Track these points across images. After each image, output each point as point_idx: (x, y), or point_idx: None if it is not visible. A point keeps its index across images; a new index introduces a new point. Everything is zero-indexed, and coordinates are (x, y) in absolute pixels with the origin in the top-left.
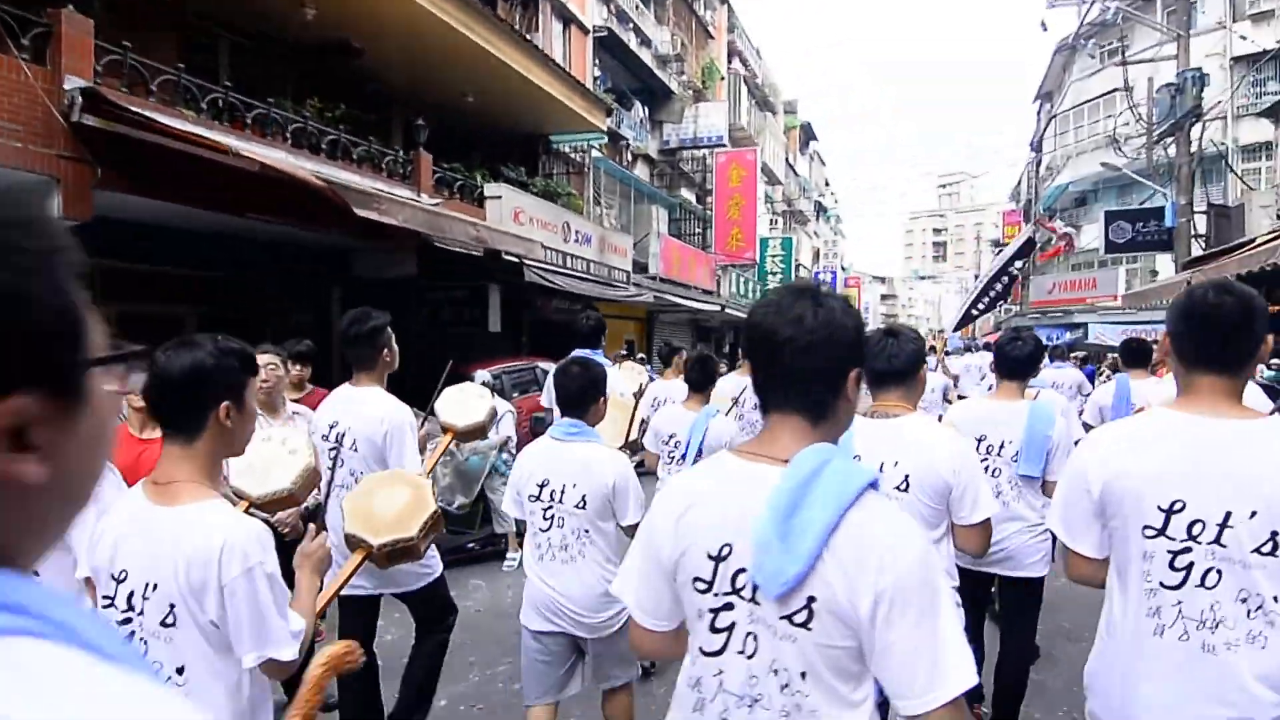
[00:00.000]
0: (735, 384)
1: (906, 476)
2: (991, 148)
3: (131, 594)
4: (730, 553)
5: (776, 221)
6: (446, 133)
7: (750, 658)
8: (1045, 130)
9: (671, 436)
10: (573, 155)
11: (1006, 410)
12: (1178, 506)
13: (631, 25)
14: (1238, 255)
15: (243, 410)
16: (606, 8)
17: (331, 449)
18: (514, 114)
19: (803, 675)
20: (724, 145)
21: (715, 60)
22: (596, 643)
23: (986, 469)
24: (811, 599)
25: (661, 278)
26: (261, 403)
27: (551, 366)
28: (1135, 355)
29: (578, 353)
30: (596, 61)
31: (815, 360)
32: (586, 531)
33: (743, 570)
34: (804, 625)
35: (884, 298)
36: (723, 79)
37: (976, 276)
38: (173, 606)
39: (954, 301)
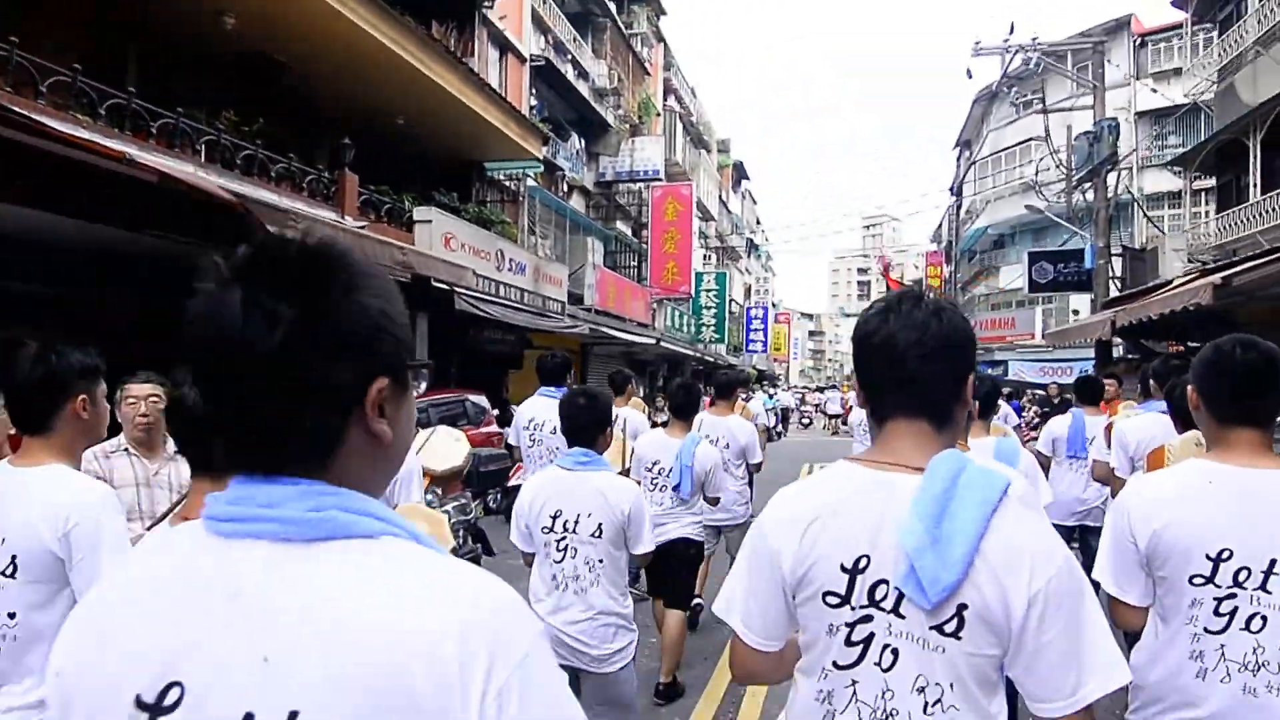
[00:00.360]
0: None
1: None
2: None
3: None
4: (868, 564)
5: (710, 257)
6: (376, 155)
7: (888, 670)
8: (965, 176)
9: (655, 463)
10: (508, 184)
11: (977, 447)
12: (1225, 555)
13: (569, 57)
14: (1159, 296)
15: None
16: (544, 38)
17: None
18: (448, 139)
19: (951, 687)
20: (660, 179)
21: (651, 96)
22: (592, 679)
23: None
24: (963, 607)
25: (597, 309)
26: (138, 440)
27: (482, 399)
28: (1089, 392)
29: (544, 390)
30: (533, 91)
31: (939, 366)
32: (601, 561)
33: (883, 582)
34: (954, 635)
35: (811, 334)
36: (659, 115)
37: None
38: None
39: None
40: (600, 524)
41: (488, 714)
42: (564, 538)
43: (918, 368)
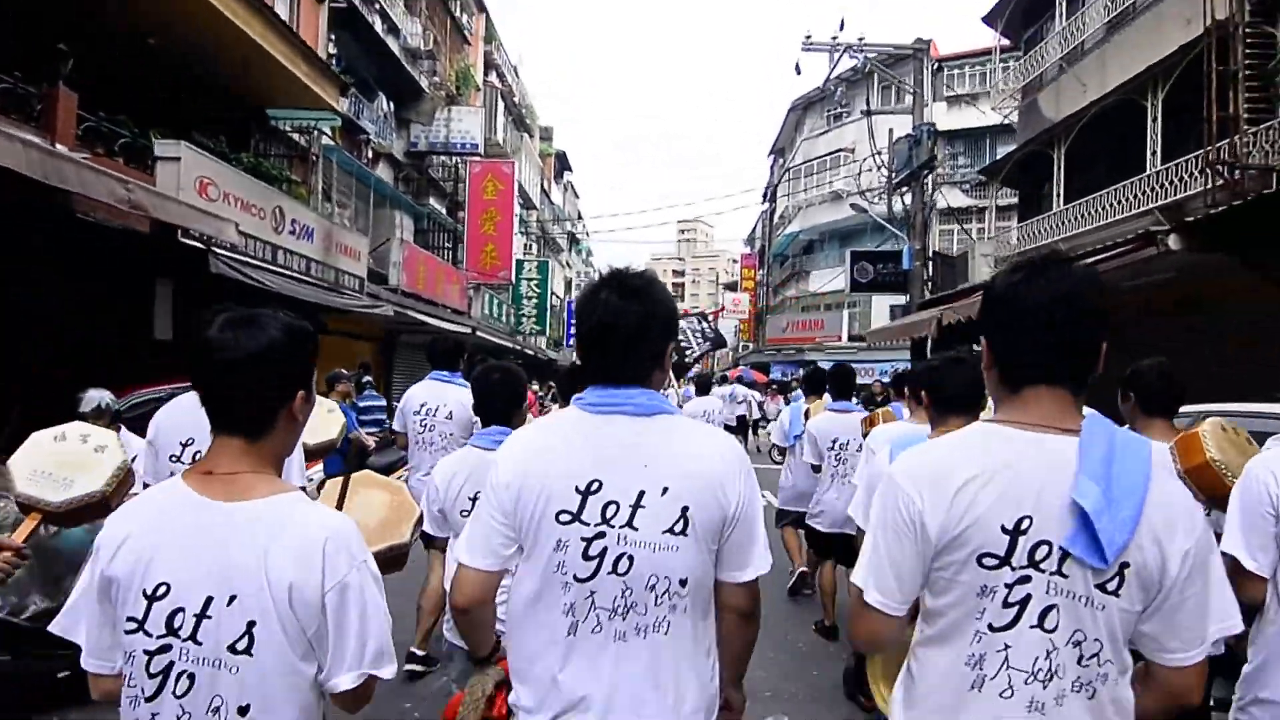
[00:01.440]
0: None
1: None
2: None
3: (177, 612)
4: (1031, 525)
5: (531, 246)
6: (115, 79)
7: (1050, 631)
8: (778, 182)
9: None
10: (298, 139)
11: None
12: None
13: (378, 8)
14: (977, 297)
15: (310, 400)
16: None
17: None
18: (218, 73)
19: (1105, 643)
20: (479, 155)
21: (471, 68)
22: None
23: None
24: (1124, 565)
25: (404, 291)
26: None
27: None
28: (813, 384)
29: (434, 375)
30: (333, 38)
31: (1085, 333)
32: None
33: (1044, 543)
34: (1115, 592)
35: None
36: (479, 89)
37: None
38: (251, 625)
39: (691, 341)
40: None
41: (745, 496)
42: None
43: (1072, 335)
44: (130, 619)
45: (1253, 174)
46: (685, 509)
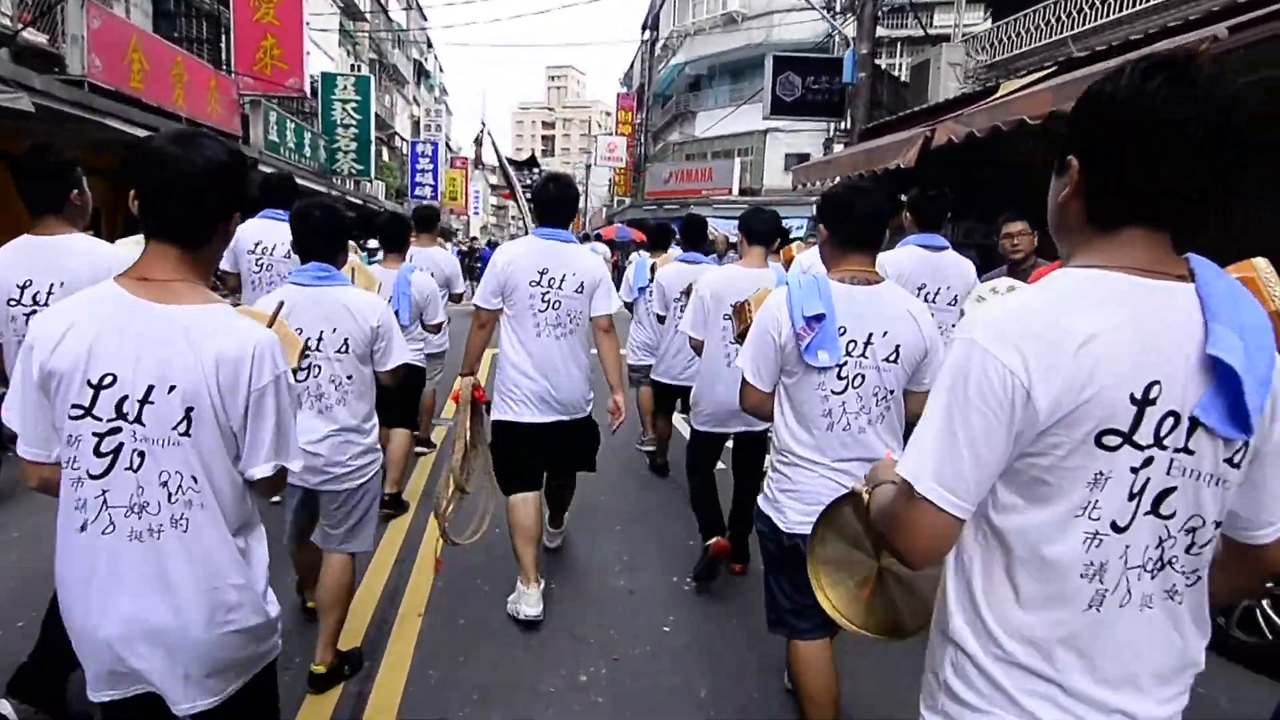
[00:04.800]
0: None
1: (897, 348)
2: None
3: (124, 399)
4: (1160, 393)
5: (359, 67)
6: None
7: (1168, 518)
8: (661, 6)
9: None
10: None
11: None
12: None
13: None
14: (993, 102)
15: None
16: None
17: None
18: None
19: (1216, 525)
20: None
21: None
22: (330, 497)
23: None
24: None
25: (98, 86)
26: None
27: None
28: (659, 238)
29: (267, 213)
30: None
31: (1201, 172)
32: (350, 378)
33: (1171, 414)
34: (1238, 464)
35: (494, 188)
36: None
37: (588, 168)
38: (190, 410)
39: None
40: (346, 339)
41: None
42: (305, 355)
43: (1207, 169)
44: (76, 406)
45: None
46: None
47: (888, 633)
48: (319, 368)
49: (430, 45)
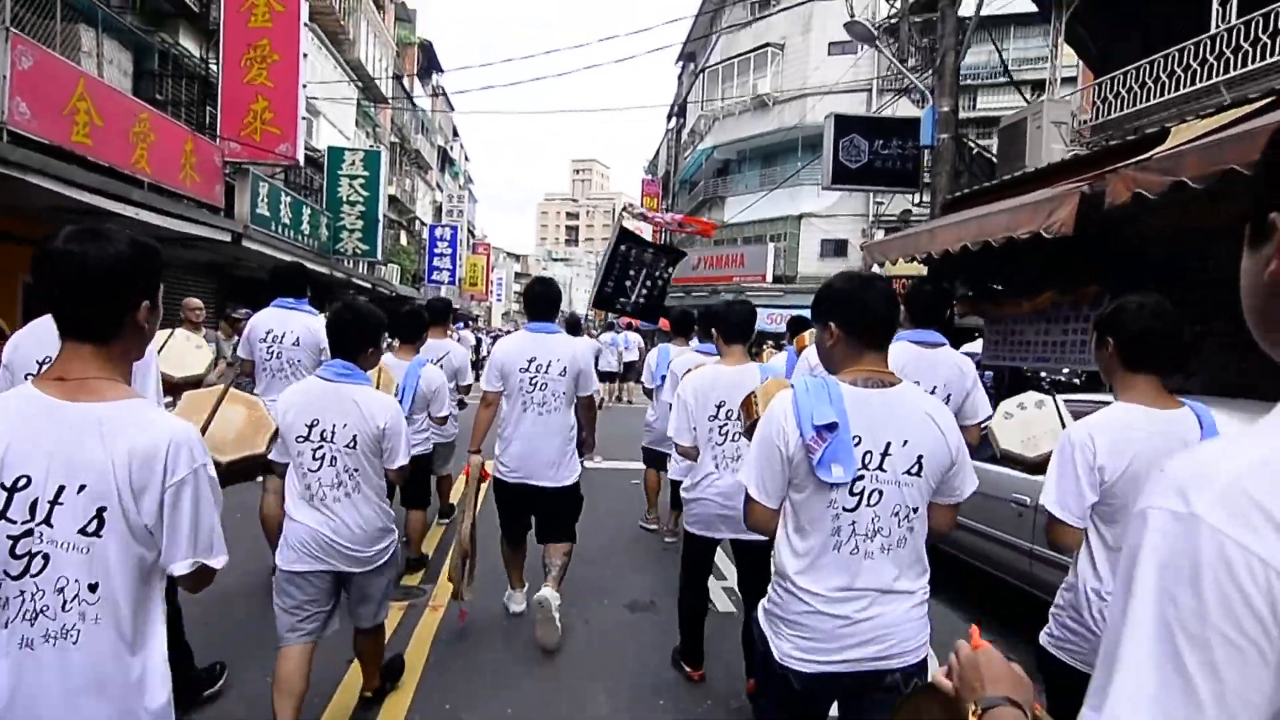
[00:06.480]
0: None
1: (920, 459)
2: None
3: (35, 501)
4: None
5: (376, 147)
6: None
7: None
8: (689, 92)
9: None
10: None
11: (742, 374)
12: None
13: None
14: (1126, 170)
15: (155, 310)
16: None
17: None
18: None
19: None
20: None
21: None
22: (356, 579)
23: (726, 432)
24: None
25: (23, 136)
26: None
27: None
28: (681, 326)
29: (278, 302)
30: None
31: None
32: (357, 470)
33: None
34: None
35: (518, 275)
36: None
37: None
38: (101, 510)
39: (584, 283)
40: (355, 435)
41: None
42: (321, 446)
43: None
44: None
45: None
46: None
47: None
48: (333, 458)
49: (456, 134)
